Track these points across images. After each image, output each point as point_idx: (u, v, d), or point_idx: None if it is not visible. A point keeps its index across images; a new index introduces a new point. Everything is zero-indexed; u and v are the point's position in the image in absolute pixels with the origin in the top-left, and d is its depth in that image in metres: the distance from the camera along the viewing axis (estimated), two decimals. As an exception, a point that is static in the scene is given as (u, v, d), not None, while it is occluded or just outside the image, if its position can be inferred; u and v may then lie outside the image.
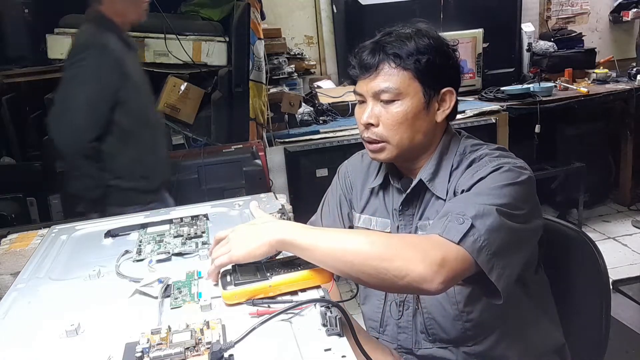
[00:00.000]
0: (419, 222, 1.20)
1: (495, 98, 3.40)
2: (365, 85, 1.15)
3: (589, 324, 1.27)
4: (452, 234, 0.94)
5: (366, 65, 1.14)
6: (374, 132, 1.15)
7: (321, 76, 3.75)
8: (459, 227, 0.94)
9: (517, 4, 3.65)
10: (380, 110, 1.14)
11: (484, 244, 0.94)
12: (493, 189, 1.01)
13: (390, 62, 1.12)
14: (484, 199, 0.99)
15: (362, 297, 1.33)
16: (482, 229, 0.94)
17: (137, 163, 1.98)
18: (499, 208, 0.98)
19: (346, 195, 1.36)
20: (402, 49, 1.12)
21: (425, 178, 1.17)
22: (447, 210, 1.01)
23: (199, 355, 0.72)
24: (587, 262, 1.26)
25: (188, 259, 1.06)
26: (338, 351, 0.70)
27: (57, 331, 0.82)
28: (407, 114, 1.13)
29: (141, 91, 2.02)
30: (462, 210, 0.97)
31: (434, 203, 1.17)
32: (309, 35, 3.80)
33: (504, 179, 1.03)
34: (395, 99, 1.12)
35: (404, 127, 1.14)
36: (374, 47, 1.14)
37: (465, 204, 0.99)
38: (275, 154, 2.84)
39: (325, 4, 3.75)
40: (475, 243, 0.93)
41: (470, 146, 1.19)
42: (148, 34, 2.46)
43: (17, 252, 1.28)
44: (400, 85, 1.12)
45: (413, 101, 1.13)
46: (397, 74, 1.12)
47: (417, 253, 0.89)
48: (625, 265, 3.03)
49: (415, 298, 1.21)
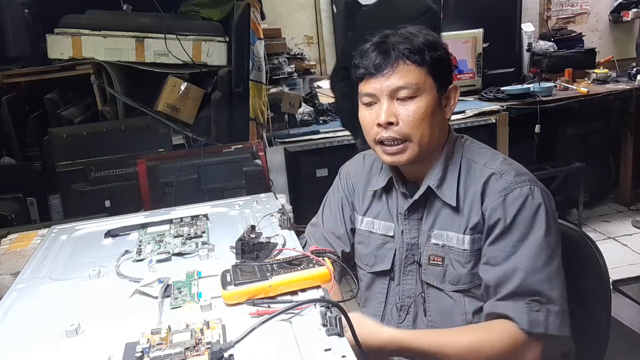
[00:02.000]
0: (434, 232, 1.19)
1: (495, 98, 3.40)
2: (379, 85, 1.14)
3: (590, 324, 1.26)
4: (538, 327, 1.05)
5: (379, 65, 1.13)
6: (395, 131, 1.14)
7: (321, 76, 3.75)
8: (537, 315, 1.05)
9: (517, 4, 3.65)
10: (398, 109, 1.13)
11: (562, 317, 1.07)
12: (544, 249, 1.09)
13: (405, 59, 1.12)
14: (545, 270, 1.08)
15: (362, 299, 1.33)
16: (556, 306, 1.06)
17: None
18: (555, 268, 1.08)
19: (348, 197, 1.35)
20: (414, 46, 1.12)
21: (433, 184, 1.17)
22: (516, 286, 1.08)
23: (199, 355, 0.72)
24: (588, 262, 1.26)
25: (188, 259, 1.06)
26: (338, 351, 0.70)
27: (57, 331, 0.81)
28: (427, 110, 1.13)
29: None
30: (529, 289, 1.06)
31: (443, 211, 1.18)
32: (309, 35, 3.80)
33: (545, 229, 1.09)
34: (414, 95, 1.12)
35: (425, 124, 1.13)
36: (384, 46, 1.14)
37: (528, 275, 1.07)
38: (275, 154, 2.84)
39: (325, 4, 3.75)
40: (554, 322, 1.06)
41: (475, 151, 1.20)
42: (148, 34, 2.46)
43: (17, 252, 1.28)
44: (419, 80, 1.12)
45: (430, 97, 1.13)
46: (414, 70, 1.12)
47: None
48: (625, 265, 3.03)
49: (421, 305, 1.21)
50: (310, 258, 0.90)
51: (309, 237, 1.37)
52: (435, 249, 1.19)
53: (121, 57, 2.46)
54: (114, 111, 2.48)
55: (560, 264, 1.10)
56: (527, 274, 1.07)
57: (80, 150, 2.34)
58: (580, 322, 1.26)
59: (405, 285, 1.23)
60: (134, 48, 2.47)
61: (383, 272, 1.27)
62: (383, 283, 1.28)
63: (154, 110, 2.45)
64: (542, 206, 1.10)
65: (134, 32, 2.46)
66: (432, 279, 1.19)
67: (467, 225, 1.15)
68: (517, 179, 1.12)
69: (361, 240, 1.32)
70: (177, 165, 2.24)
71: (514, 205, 1.09)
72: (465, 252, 1.15)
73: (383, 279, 1.28)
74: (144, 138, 2.42)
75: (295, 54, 3.56)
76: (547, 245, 1.08)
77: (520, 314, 1.06)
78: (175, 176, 2.21)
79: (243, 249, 0.99)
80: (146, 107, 2.46)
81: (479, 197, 1.13)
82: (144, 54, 2.48)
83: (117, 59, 2.45)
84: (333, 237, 1.34)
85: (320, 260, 0.89)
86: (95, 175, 2.34)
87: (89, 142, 2.36)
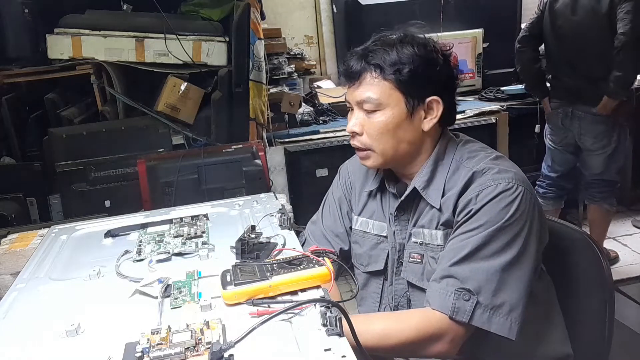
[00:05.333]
0: (413, 229, 1.20)
1: (495, 98, 3.40)
2: (350, 94, 1.17)
3: (592, 326, 1.25)
4: (461, 314, 1.03)
5: (350, 74, 1.16)
6: (359, 140, 1.18)
7: (321, 76, 3.75)
8: (465, 304, 1.03)
9: (517, 4, 3.65)
10: (365, 119, 1.16)
11: (492, 312, 1.03)
12: (495, 241, 1.06)
13: (371, 71, 1.13)
14: (485, 265, 1.05)
15: (358, 299, 1.34)
16: (487, 299, 1.03)
17: None
18: (503, 268, 1.05)
19: (346, 195, 1.36)
20: (384, 58, 1.12)
21: (419, 186, 1.17)
22: (446, 272, 1.07)
23: (199, 355, 0.72)
24: (590, 263, 1.25)
25: (188, 259, 1.06)
26: (338, 351, 0.70)
27: (57, 331, 0.81)
28: (387, 124, 1.14)
29: None
30: (464, 280, 1.05)
31: (427, 211, 1.18)
32: (309, 35, 3.80)
33: (507, 228, 1.06)
34: (376, 109, 1.13)
35: (386, 137, 1.15)
36: (360, 55, 1.15)
37: (469, 270, 1.05)
38: (275, 154, 2.84)
39: (325, 4, 3.75)
40: (483, 315, 1.03)
41: (467, 152, 1.18)
42: (148, 34, 2.46)
43: (17, 252, 1.28)
44: (381, 95, 1.12)
45: (394, 111, 1.13)
46: (377, 84, 1.13)
47: (436, 345, 1.05)
48: (625, 265, 3.03)
49: (409, 304, 1.21)
50: (310, 258, 0.90)
51: (309, 234, 1.38)
52: (415, 247, 1.20)
53: (121, 57, 2.46)
54: (114, 111, 2.49)
55: (517, 265, 1.06)
56: (464, 260, 1.06)
57: (80, 150, 2.34)
58: (582, 325, 1.26)
59: (398, 285, 1.24)
60: (134, 48, 2.47)
61: (377, 272, 1.28)
62: (377, 283, 1.28)
63: (154, 110, 2.45)
64: (515, 203, 1.06)
65: (134, 32, 2.46)
66: (412, 276, 1.20)
67: (439, 221, 1.15)
68: (498, 176, 1.10)
69: (356, 240, 1.33)
70: (177, 165, 2.24)
71: (486, 198, 1.08)
72: (439, 247, 1.15)
73: (377, 279, 1.28)
74: (144, 138, 2.43)
75: (295, 54, 3.56)
76: (505, 239, 1.05)
77: (444, 299, 1.05)
78: (175, 176, 2.22)
79: (243, 249, 0.99)
80: (146, 107, 2.46)
81: (457, 195, 1.13)
82: (144, 54, 2.48)
83: (117, 59, 2.45)
84: (332, 235, 1.35)
85: (321, 260, 0.89)
86: (95, 175, 2.34)
87: (89, 142, 2.36)
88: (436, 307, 1.06)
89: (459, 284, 1.05)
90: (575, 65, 2.79)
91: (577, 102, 2.81)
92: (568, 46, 2.80)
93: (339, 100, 3.28)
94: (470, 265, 1.06)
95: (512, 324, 1.04)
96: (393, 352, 1.08)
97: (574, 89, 2.80)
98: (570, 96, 2.84)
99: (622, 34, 2.58)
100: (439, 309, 1.05)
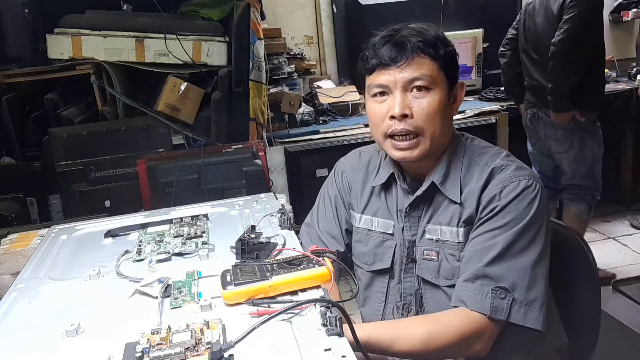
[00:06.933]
0: (427, 226, 1.19)
1: (495, 98, 3.40)
2: (392, 77, 1.13)
3: (582, 320, 1.29)
4: (499, 313, 1.05)
5: (394, 57, 1.12)
6: (409, 124, 1.13)
7: (321, 76, 3.75)
8: (502, 302, 1.05)
9: (517, 4, 3.66)
10: (412, 102, 1.13)
11: (527, 308, 1.05)
12: (523, 238, 1.08)
13: (420, 52, 1.12)
14: (517, 262, 1.08)
15: (361, 299, 1.32)
16: (522, 296, 1.06)
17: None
18: (533, 264, 1.07)
19: (343, 196, 1.34)
20: (427, 40, 1.13)
21: (437, 181, 1.17)
22: (480, 272, 1.08)
23: (199, 355, 0.72)
24: (578, 259, 1.30)
25: (188, 259, 1.06)
26: (338, 351, 0.70)
27: (57, 331, 0.81)
28: (440, 104, 1.14)
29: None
30: (498, 279, 1.07)
31: (446, 207, 1.18)
32: (309, 35, 3.80)
33: (532, 225, 1.09)
34: (430, 86, 1.12)
35: (437, 118, 1.14)
36: (397, 39, 1.14)
37: (502, 269, 1.07)
38: (275, 154, 2.84)
39: (325, 4, 3.75)
40: (519, 311, 1.05)
41: (477, 149, 1.21)
42: (148, 34, 2.46)
43: (17, 252, 1.28)
44: (433, 73, 1.13)
45: (442, 92, 1.14)
46: (428, 63, 1.13)
47: (475, 345, 1.07)
48: (625, 265, 3.03)
49: (417, 302, 1.21)
50: (310, 258, 0.90)
51: (304, 237, 1.35)
52: (430, 244, 1.19)
53: (121, 57, 2.46)
54: (114, 111, 2.49)
55: (542, 261, 1.09)
56: (496, 259, 1.08)
57: (80, 150, 2.34)
58: (572, 318, 1.29)
59: (407, 283, 1.23)
60: (134, 48, 2.47)
61: (382, 270, 1.27)
62: (382, 282, 1.27)
63: (154, 110, 2.45)
64: (536, 201, 1.10)
65: (134, 32, 2.46)
66: (427, 274, 1.20)
67: (460, 218, 1.15)
68: (517, 173, 1.13)
69: (359, 238, 1.31)
70: (177, 165, 2.24)
71: (510, 195, 1.10)
72: (460, 245, 1.15)
73: (382, 278, 1.27)
74: (144, 138, 2.43)
75: (295, 54, 3.56)
76: (530, 236, 1.09)
77: (482, 300, 1.06)
78: (175, 176, 2.22)
79: (243, 249, 0.99)
80: (146, 107, 2.46)
81: (479, 191, 1.14)
82: (144, 54, 2.48)
83: (117, 59, 2.45)
84: (328, 237, 1.33)
85: (320, 260, 0.89)
86: (95, 175, 2.34)
87: (89, 142, 2.36)
88: (474, 308, 1.07)
89: (494, 283, 1.07)
90: (538, 68, 2.77)
91: (541, 105, 2.80)
92: (532, 48, 2.79)
93: (339, 100, 3.28)
94: (502, 264, 1.08)
95: (544, 317, 1.07)
96: (435, 355, 1.07)
97: (538, 90, 2.78)
98: (535, 98, 2.84)
99: (553, 43, 2.54)
100: (478, 310, 1.06)
